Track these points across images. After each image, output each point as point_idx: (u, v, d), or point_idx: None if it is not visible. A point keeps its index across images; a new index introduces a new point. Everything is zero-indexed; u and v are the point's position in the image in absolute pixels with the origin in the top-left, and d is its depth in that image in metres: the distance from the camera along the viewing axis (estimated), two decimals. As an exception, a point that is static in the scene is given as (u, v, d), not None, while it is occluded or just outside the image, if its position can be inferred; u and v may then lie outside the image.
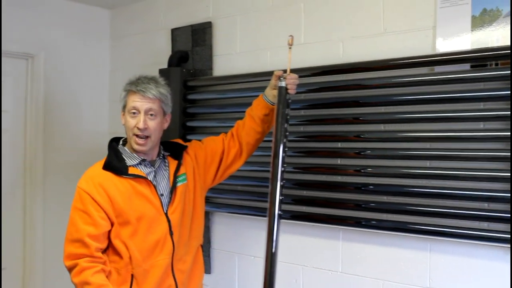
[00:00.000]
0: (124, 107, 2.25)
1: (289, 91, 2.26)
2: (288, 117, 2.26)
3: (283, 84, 2.25)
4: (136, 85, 2.21)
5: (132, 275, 2.20)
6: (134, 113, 2.20)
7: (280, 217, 2.14)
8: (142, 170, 2.24)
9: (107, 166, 2.21)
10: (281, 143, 2.20)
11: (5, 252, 3.48)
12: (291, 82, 2.27)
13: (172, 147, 2.40)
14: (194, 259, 2.39)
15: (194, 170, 2.40)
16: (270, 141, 2.49)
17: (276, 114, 2.24)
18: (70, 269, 2.15)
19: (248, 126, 2.42)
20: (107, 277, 2.16)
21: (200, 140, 2.51)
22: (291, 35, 2.24)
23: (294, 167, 2.68)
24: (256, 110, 2.41)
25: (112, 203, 2.16)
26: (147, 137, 2.20)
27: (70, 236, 2.17)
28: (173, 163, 2.34)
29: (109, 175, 2.19)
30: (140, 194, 2.20)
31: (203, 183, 2.44)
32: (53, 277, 3.60)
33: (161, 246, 2.23)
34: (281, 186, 2.17)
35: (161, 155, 2.34)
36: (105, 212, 2.15)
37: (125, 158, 2.25)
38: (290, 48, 2.25)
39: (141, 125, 2.17)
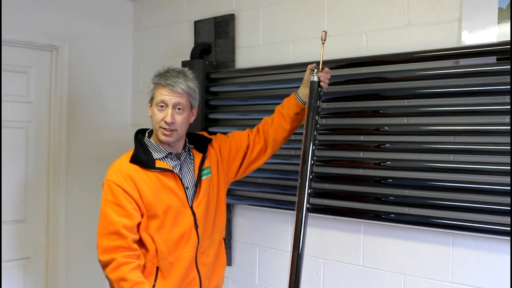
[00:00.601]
0: (152, 99, 2.25)
1: (322, 84, 2.29)
2: (319, 109, 2.28)
3: (315, 78, 2.28)
4: (165, 78, 2.20)
5: (157, 268, 2.21)
6: (162, 106, 2.19)
7: (308, 210, 2.15)
8: (168, 163, 2.25)
9: (134, 160, 2.21)
10: (311, 136, 2.22)
11: (29, 242, 3.54)
12: (323, 76, 2.28)
13: (197, 139, 2.41)
14: (216, 252, 2.41)
15: (218, 163, 2.40)
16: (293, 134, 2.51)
17: (307, 108, 2.26)
18: (106, 264, 2.11)
19: (277, 124, 2.42)
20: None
21: (224, 134, 2.51)
22: (324, 31, 2.28)
23: (316, 160, 2.66)
24: (287, 108, 2.40)
25: (141, 196, 2.16)
26: (173, 130, 2.20)
27: (104, 230, 2.13)
28: (198, 156, 2.35)
29: (136, 168, 2.19)
30: (167, 187, 2.21)
31: (226, 176, 2.45)
32: (75, 266, 3.65)
33: (186, 239, 2.24)
34: (310, 180, 2.18)
35: (186, 147, 2.34)
36: (136, 203, 2.15)
37: (151, 151, 2.25)
38: (323, 43, 2.27)
39: (168, 119, 2.17)
